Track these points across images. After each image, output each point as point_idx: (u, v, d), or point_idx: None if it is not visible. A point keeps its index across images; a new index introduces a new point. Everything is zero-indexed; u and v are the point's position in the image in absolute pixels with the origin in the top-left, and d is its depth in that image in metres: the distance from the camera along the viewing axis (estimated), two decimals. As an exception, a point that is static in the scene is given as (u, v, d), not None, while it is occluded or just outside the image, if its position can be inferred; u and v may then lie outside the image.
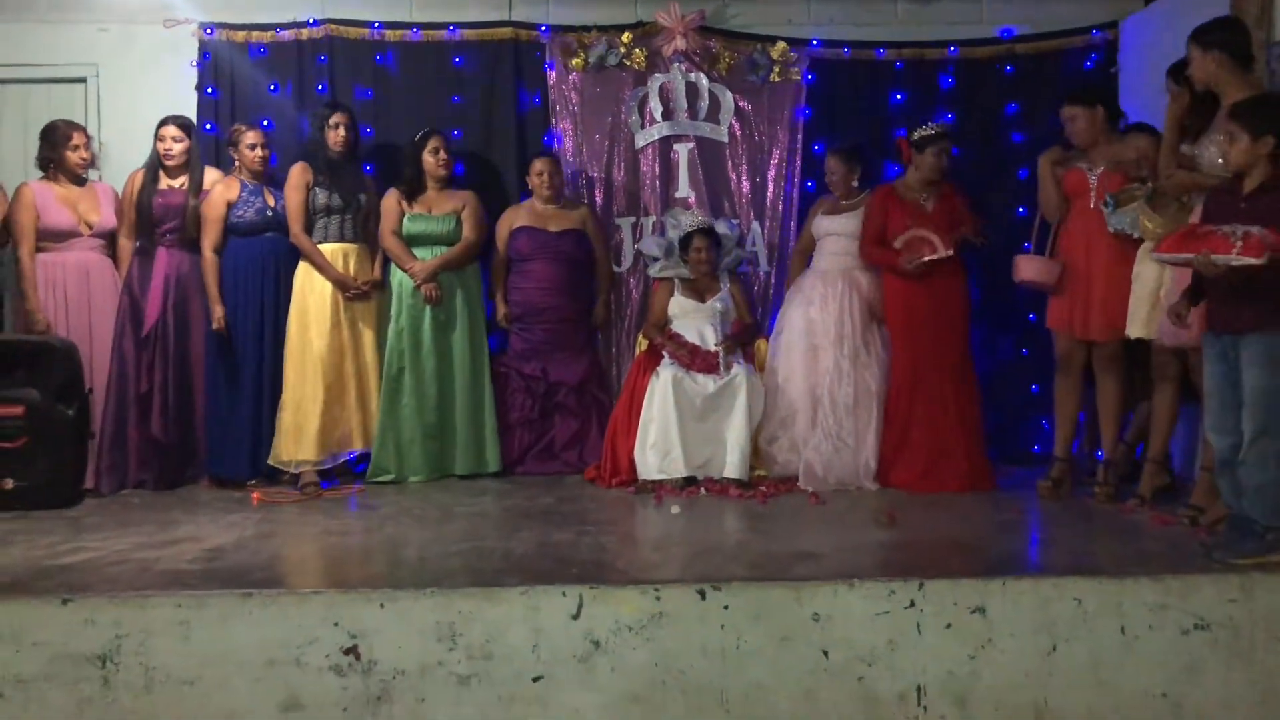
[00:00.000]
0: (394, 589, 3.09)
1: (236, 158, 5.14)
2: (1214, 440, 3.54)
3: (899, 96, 5.78)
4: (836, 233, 5.13)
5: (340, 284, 5.02)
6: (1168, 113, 4.05)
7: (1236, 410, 3.44)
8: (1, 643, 3.01)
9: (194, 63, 5.59)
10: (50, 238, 4.96)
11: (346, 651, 3.02)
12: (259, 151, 5.07)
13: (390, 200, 5.20)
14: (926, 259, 4.75)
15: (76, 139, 5.05)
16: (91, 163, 5.17)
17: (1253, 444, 3.38)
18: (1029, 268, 4.59)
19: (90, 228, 5.02)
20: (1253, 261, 3.24)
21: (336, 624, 3.03)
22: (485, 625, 3.05)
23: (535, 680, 3.04)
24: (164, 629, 3.02)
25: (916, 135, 4.90)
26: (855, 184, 5.18)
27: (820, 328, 5.03)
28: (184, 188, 5.06)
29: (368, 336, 5.13)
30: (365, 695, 3.02)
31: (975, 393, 4.95)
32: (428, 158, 5.17)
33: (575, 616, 3.06)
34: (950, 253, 4.76)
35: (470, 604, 3.06)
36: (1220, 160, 3.74)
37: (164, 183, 5.08)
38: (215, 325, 4.95)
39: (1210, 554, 3.37)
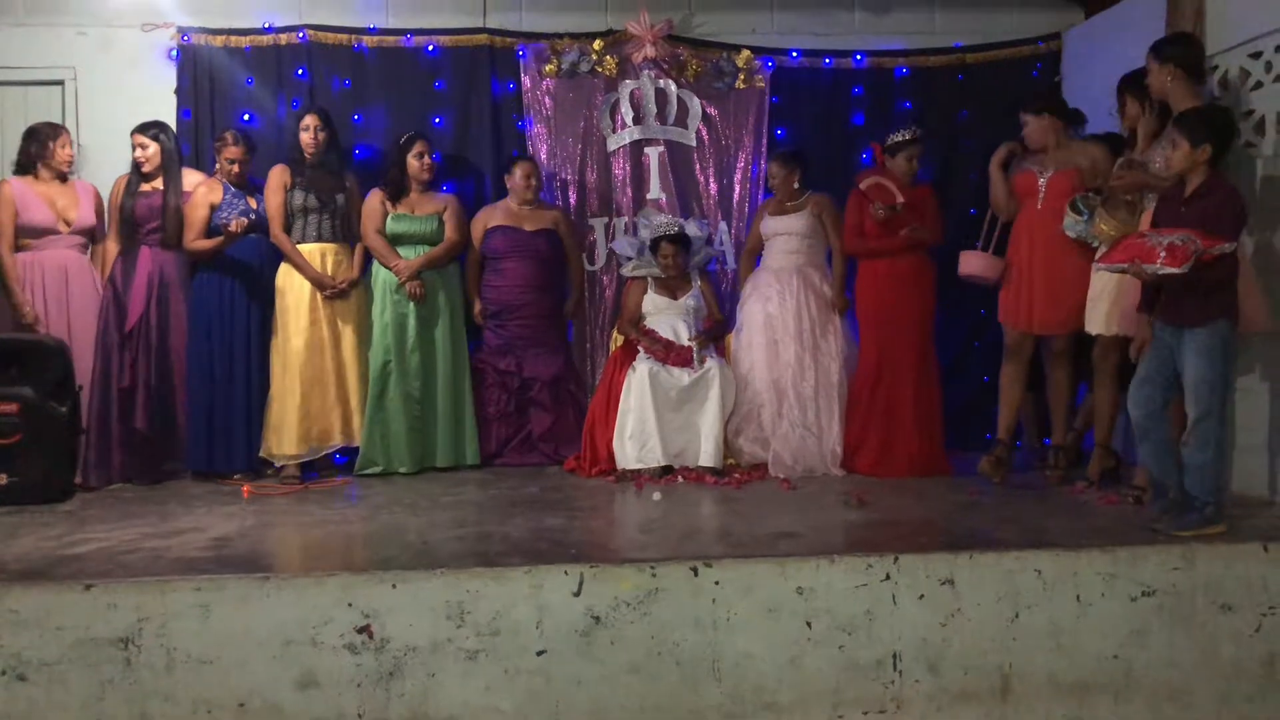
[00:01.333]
0: (405, 570, 3.27)
1: (219, 161, 5.25)
2: (1131, 411, 3.86)
3: (857, 103, 6.06)
4: (785, 232, 5.37)
5: (318, 283, 5.15)
6: (1141, 124, 4.34)
7: (1156, 387, 3.77)
8: (25, 628, 3.13)
9: (172, 65, 5.67)
10: (29, 234, 5.04)
11: (360, 630, 3.19)
12: (235, 168, 5.20)
13: (374, 201, 5.34)
14: (884, 207, 5.00)
15: (64, 138, 5.15)
16: (71, 165, 5.24)
17: (1194, 427, 3.68)
18: (972, 263, 4.85)
19: (68, 225, 5.10)
20: (1175, 271, 3.54)
21: (350, 604, 3.20)
22: (492, 603, 3.23)
23: (539, 654, 3.23)
24: (184, 612, 3.16)
25: (889, 141, 5.16)
26: (796, 186, 5.42)
27: (780, 323, 5.28)
28: (162, 189, 5.17)
29: (347, 333, 5.26)
30: (378, 672, 3.20)
31: (936, 383, 5.23)
32: (412, 161, 5.33)
33: (576, 594, 3.26)
34: (900, 201, 5.03)
35: (478, 584, 3.24)
36: (1161, 165, 4.05)
37: (143, 186, 5.18)
38: (240, 222, 4.99)
39: (1154, 526, 3.67)
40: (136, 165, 5.15)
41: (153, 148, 5.13)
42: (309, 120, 5.22)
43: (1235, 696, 3.44)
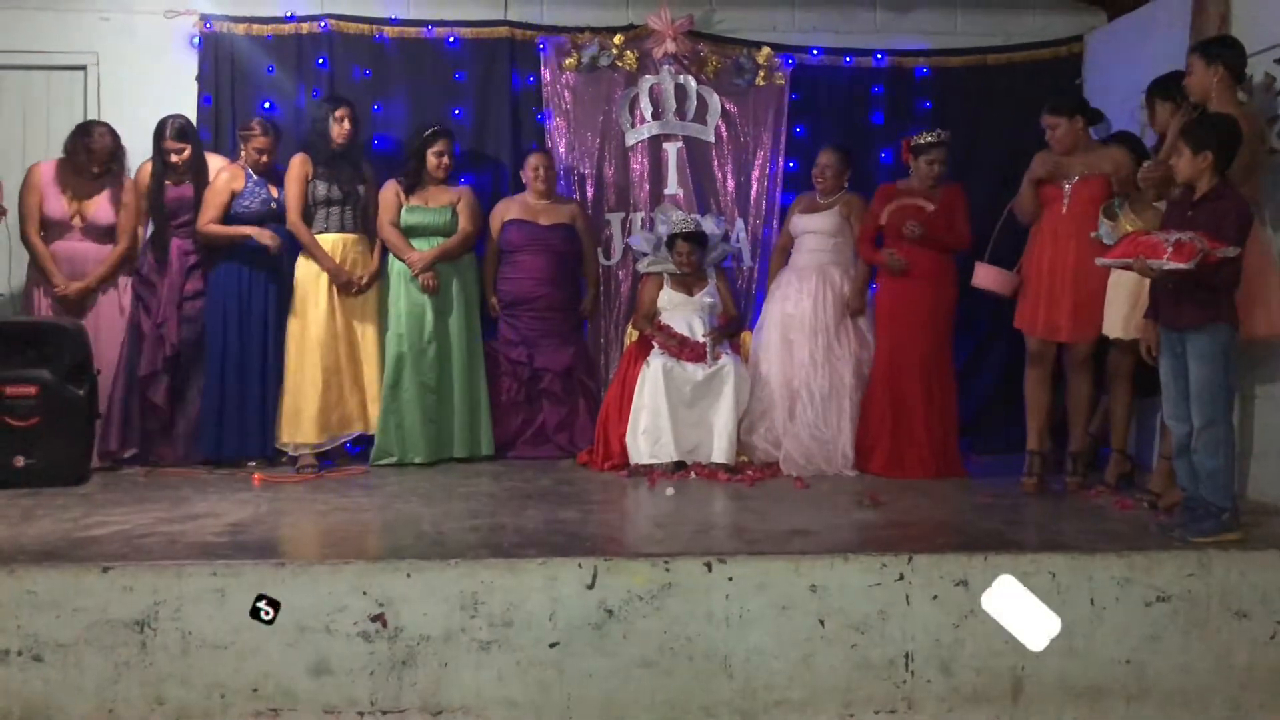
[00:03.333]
0: (419, 560, 3.27)
1: (244, 148, 5.26)
2: (1172, 427, 3.83)
3: (877, 102, 6.04)
4: (813, 230, 5.36)
5: (335, 275, 5.16)
6: (1171, 126, 4.30)
7: (1189, 399, 3.72)
8: (43, 609, 3.15)
9: (194, 52, 5.69)
10: (44, 225, 5.08)
11: (374, 619, 3.20)
12: (264, 158, 5.22)
13: (388, 192, 5.35)
14: (917, 225, 4.96)
15: (92, 139, 5.10)
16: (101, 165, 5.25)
17: (1202, 433, 3.67)
18: (987, 277, 4.76)
19: (84, 220, 5.12)
20: (1181, 266, 3.52)
21: (365, 593, 3.21)
22: (506, 594, 3.24)
23: (552, 646, 3.24)
24: (200, 596, 3.18)
25: (915, 141, 5.13)
26: (845, 186, 5.41)
27: (795, 322, 5.27)
28: (192, 181, 5.21)
29: (365, 322, 5.28)
30: (391, 660, 3.21)
31: (951, 385, 5.19)
32: (431, 157, 5.32)
33: (590, 586, 3.26)
34: (932, 208, 5.00)
35: (492, 574, 3.25)
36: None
37: (169, 179, 5.21)
38: (272, 243, 5.08)
39: (1170, 533, 3.66)
40: (170, 164, 5.17)
41: (187, 151, 5.18)
42: (342, 111, 5.22)
43: (1249, 704, 3.42)
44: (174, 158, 5.15)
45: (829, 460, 5.11)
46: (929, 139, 5.09)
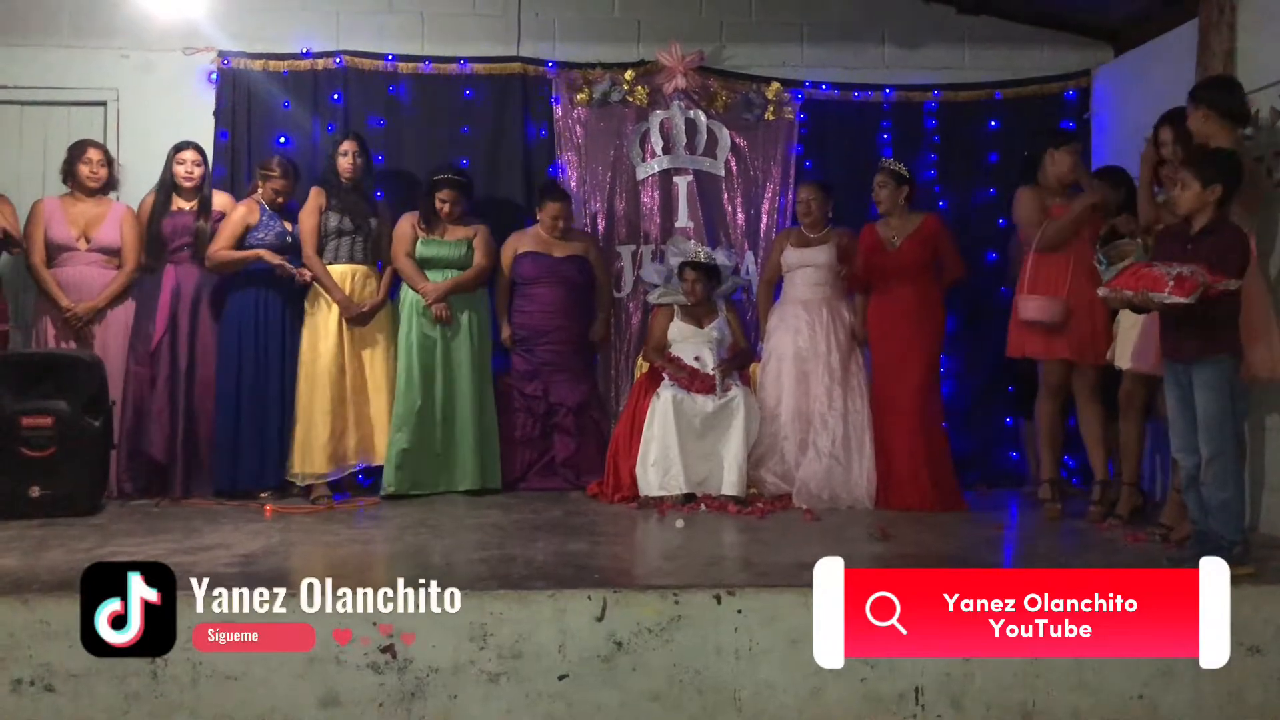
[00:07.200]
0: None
1: (261, 186, 5.32)
2: (1180, 459, 3.83)
3: (886, 136, 6.09)
4: (809, 264, 5.38)
5: (345, 306, 5.21)
6: (1142, 161, 4.36)
7: (1193, 431, 3.72)
8: (54, 638, 3.16)
9: (211, 87, 5.78)
10: (51, 250, 5.16)
11: (383, 650, 3.20)
12: (281, 199, 5.30)
13: (405, 224, 5.40)
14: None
15: (90, 154, 5.25)
16: (108, 182, 5.34)
17: (1210, 465, 3.66)
18: (1039, 309, 4.71)
19: (89, 242, 5.19)
20: (1181, 301, 3.53)
21: (374, 624, 3.22)
22: (515, 626, 3.24)
23: (561, 679, 3.23)
24: (210, 627, 3.19)
25: None
26: (829, 217, 5.46)
27: (809, 354, 5.28)
28: (194, 209, 5.27)
29: (374, 354, 5.31)
30: (400, 692, 3.20)
31: (939, 415, 5.19)
32: (437, 201, 5.36)
33: (599, 619, 3.26)
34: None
35: (501, 606, 3.25)
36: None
37: (176, 204, 5.27)
38: (303, 274, 5.17)
39: (1180, 566, 3.64)
40: (174, 182, 5.24)
41: (203, 167, 5.26)
42: (348, 145, 5.29)
43: (1262, 740, 3.40)
44: (193, 168, 5.22)
45: (845, 491, 5.09)
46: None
